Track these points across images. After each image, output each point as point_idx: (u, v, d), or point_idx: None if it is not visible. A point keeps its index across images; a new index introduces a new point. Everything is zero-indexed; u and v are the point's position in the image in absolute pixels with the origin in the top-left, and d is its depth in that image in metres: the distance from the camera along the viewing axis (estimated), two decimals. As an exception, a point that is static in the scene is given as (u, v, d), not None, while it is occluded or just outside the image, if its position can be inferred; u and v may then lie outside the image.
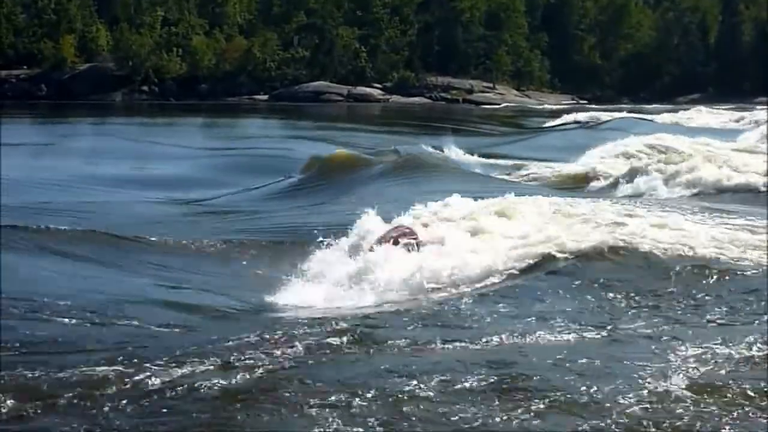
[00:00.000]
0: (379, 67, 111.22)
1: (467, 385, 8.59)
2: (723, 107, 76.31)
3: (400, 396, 8.33)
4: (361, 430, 7.74)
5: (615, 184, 26.98)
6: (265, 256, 16.08)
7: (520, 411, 8.05)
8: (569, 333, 10.33)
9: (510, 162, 33.26)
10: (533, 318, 11.05)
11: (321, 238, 14.93)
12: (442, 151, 34.36)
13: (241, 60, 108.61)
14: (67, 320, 10.80)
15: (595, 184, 27.82)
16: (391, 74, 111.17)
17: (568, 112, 71.88)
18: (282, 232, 19.04)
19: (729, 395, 8.38)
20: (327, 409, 8.05)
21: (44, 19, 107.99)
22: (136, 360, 9.19)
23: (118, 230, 17.45)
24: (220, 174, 31.53)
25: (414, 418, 7.94)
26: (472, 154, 34.48)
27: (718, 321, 10.91)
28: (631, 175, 27.21)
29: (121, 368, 8.95)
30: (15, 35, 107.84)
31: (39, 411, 8.09)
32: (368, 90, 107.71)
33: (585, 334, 10.31)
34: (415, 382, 8.59)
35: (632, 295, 12.15)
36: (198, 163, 34.76)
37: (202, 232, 18.63)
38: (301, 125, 60.83)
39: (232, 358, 9.30)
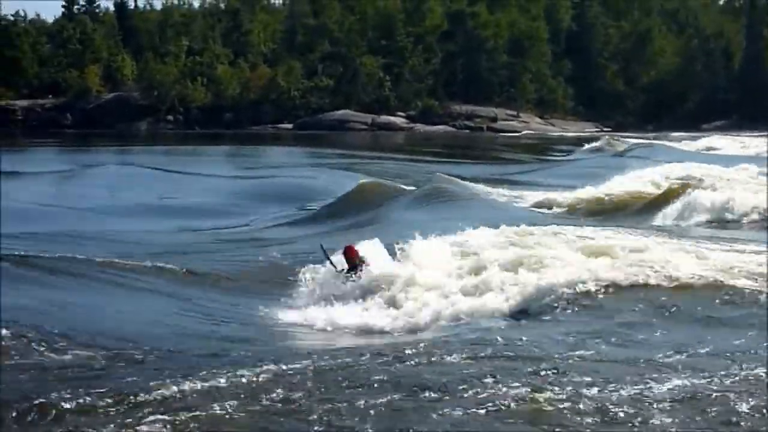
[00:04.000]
0: (403, 95, 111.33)
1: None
2: (749, 134, 75.94)
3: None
4: None
5: (647, 213, 26.89)
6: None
7: None
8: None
9: (530, 190, 33.15)
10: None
11: None
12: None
13: (266, 89, 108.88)
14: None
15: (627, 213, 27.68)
16: (415, 102, 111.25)
17: (592, 139, 72.07)
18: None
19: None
20: None
21: (69, 48, 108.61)
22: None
23: (139, 259, 17.48)
24: (246, 202, 31.54)
25: None
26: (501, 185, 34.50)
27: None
28: (660, 204, 27.10)
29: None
30: (40, 65, 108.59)
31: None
32: (392, 118, 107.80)
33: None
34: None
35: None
36: (223, 192, 34.77)
37: (220, 261, 18.66)
38: (326, 153, 60.85)
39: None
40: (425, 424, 8.46)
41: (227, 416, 8.58)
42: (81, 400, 8.78)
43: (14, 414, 8.54)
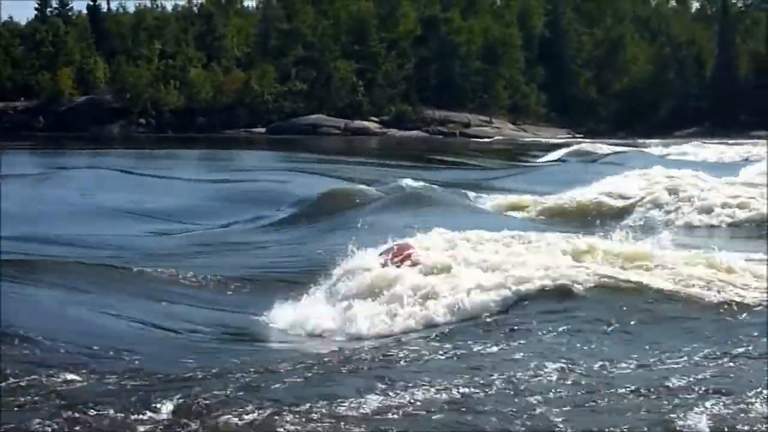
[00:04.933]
0: (376, 100, 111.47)
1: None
2: (721, 141, 76.17)
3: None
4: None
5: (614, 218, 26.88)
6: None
7: None
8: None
9: (507, 195, 33.12)
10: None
11: None
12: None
13: (239, 93, 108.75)
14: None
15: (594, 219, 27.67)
16: (388, 107, 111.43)
17: (564, 145, 72.45)
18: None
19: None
20: None
21: (42, 51, 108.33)
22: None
23: (112, 262, 17.42)
24: (219, 206, 31.45)
25: None
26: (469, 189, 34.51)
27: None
28: (629, 210, 27.15)
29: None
30: (13, 67, 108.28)
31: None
32: (365, 123, 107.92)
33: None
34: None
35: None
36: (196, 195, 34.66)
37: (197, 266, 18.56)
38: (299, 158, 60.83)
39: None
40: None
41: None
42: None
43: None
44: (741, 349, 10.89)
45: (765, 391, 9.11)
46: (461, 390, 9.35)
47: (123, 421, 8.54)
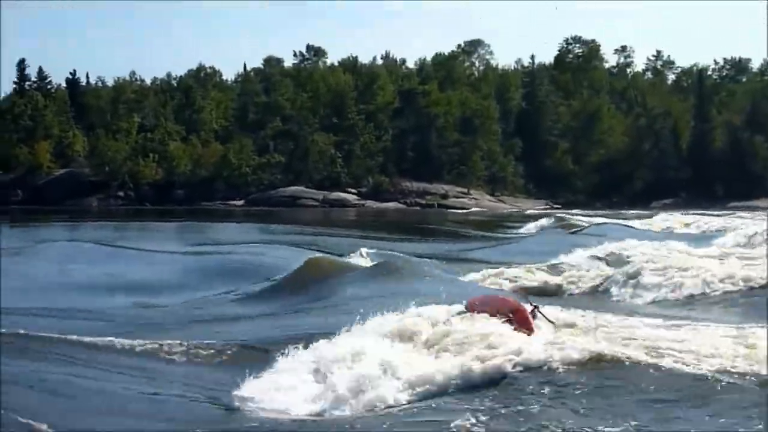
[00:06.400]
0: (354, 172, 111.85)
1: None
2: (696, 212, 76.43)
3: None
4: None
5: (591, 292, 26.84)
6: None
7: None
8: None
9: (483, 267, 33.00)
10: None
11: None
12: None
13: (217, 165, 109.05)
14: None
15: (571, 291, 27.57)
16: (366, 179, 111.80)
17: (542, 216, 72.70)
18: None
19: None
20: None
21: (20, 124, 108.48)
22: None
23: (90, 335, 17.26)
24: (198, 279, 31.30)
25: None
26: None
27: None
28: (606, 282, 27.12)
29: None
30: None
31: None
32: (343, 195, 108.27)
33: None
34: None
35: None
36: (174, 268, 34.51)
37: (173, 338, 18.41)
38: (277, 230, 60.85)
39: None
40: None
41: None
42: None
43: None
44: None
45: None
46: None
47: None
